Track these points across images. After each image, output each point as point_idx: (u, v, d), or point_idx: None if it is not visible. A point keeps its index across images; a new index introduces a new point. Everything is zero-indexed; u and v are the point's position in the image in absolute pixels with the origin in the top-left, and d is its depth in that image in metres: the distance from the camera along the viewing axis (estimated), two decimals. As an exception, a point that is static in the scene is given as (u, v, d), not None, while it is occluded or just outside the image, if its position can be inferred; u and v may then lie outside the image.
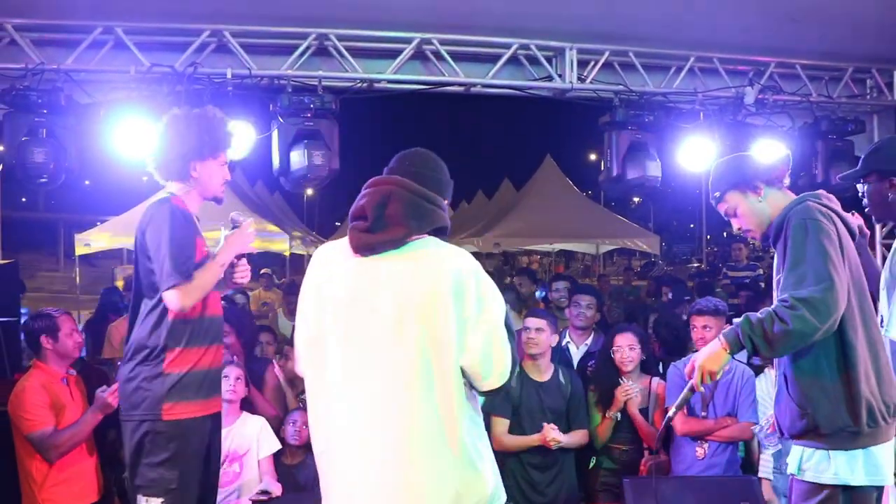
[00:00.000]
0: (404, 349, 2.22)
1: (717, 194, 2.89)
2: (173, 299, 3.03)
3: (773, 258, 2.80)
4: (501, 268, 17.92)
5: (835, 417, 2.51)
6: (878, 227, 6.21)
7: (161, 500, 3.05)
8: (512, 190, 19.68)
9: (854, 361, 2.50)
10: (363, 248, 2.27)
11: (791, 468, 2.63)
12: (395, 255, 2.26)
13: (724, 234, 56.90)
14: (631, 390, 4.37)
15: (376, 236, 2.26)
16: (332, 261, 2.37)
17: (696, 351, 4.42)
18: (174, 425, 3.10)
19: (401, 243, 2.26)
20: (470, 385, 2.30)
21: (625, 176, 5.91)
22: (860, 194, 3.31)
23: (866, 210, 3.12)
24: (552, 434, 4.23)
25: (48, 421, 3.72)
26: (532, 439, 4.23)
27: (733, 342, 2.53)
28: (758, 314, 2.51)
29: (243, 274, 3.42)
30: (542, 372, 4.38)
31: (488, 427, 4.22)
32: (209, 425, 3.25)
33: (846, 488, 2.52)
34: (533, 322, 4.36)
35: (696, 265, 30.78)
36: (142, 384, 3.09)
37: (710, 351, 2.59)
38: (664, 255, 29.02)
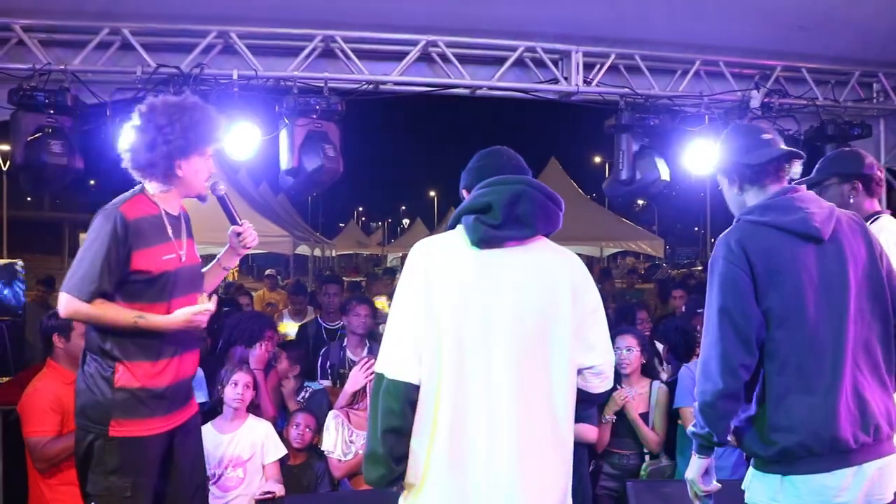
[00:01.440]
0: (520, 346, 2.22)
1: (715, 168, 2.80)
2: (61, 303, 2.90)
3: None
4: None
5: (751, 442, 2.52)
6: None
7: None
8: (516, 192, 19.67)
9: (768, 393, 2.45)
10: (488, 242, 2.25)
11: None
12: (518, 250, 2.27)
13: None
14: (627, 395, 4.34)
15: (504, 232, 2.24)
16: (442, 255, 2.29)
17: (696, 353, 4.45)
18: (123, 442, 2.92)
19: (525, 242, 2.27)
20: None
21: (634, 179, 5.91)
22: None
23: None
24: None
25: (50, 428, 3.68)
26: None
27: (696, 446, 2.56)
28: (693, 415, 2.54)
29: (251, 238, 3.34)
30: None
31: None
32: (169, 439, 3.07)
33: None
34: None
35: (699, 268, 30.72)
36: (90, 390, 2.94)
37: (690, 463, 2.59)
38: (668, 258, 28.99)
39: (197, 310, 2.98)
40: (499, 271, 2.25)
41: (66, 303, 2.88)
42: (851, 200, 3.28)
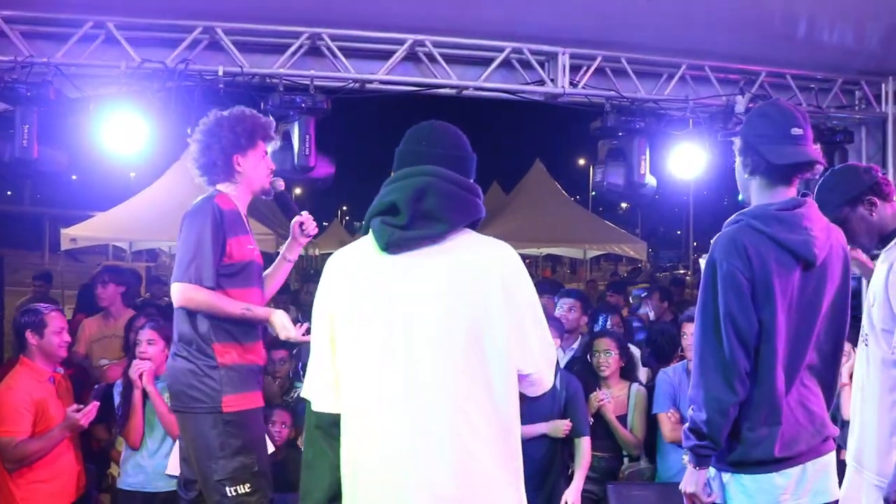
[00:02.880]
0: (452, 358, 2.00)
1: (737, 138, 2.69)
2: (175, 293, 3.12)
3: None
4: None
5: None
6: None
7: (248, 485, 3.12)
8: (500, 193, 19.69)
9: (749, 401, 2.45)
10: (396, 246, 2.03)
11: None
12: (435, 251, 2.04)
13: (711, 241, 57.24)
14: (604, 398, 4.34)
15: (412, 233, 2.01)
16: (353, 265, 2.10)
17: (683, 357, 4.46)
18: (237, 416, 3.15)
19: (440, 239, 2.03)
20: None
21: (618, 182, 5.92)
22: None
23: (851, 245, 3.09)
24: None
25: (23, 429, 3.65)
26: (539, 427, 4.09)
27: (693, 458, 2.50)
28: (688, 426, 2.49)
29: (312, 226, 3.54)
30: None
31: None
32: (261, 416, 3.37)
33: None
34: None
35: (682, 272, 30.91)
36: (196, 378, 3.14)
37: (686, 475, 2.55)
38: (651, 261, 29.13)
39: (292, 333, 3.25)
40: (417, 280, 2.02)
41: (184, 291, 3.08)
42: (875, 217, 3.03)
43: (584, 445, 4.24)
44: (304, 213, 3.54)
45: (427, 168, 2.06)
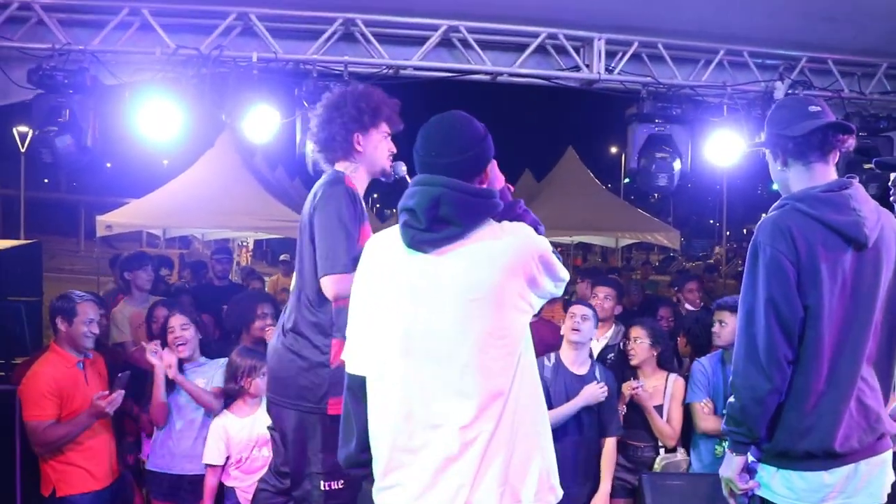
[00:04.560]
0: (469, 350, 2.15)
1: (757, 138, 2.75)
2: (328, 287, 2.94)
3: None
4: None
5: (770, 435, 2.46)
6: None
7: (343, 480, 3.05)
8: (532, 181, 19.57)
9: (794, 389, 2.40)
10: (419, 245, 2.21)
11: None
12: (455, 248, 2.19)
13: (745, 230, 56.73)
14: (636, 386, 4.29)
15: (431, 235, 2.19)
16: (386, 253, 2.30)
17: (715, 346, 4.40)
18: (336, 418, 3.04)
19: (458, 238, 2.19)
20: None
21: (648, 169, 5.84)
22: (890, 192, 3.23)
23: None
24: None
25: (49, 413, 3.68)
26: (571, 405, 4.05)
27: (730, 444, 2.49)
28: (726, 411, 2.47)
29: None
30: (581, 364, 4.27)
31: None
32: None
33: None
34: (579, 309, 4.27)
35: (713, 262, 30.61)
36: (307, 373, 3.03)
37: (724, 460, 2.53)
38: (683, 250, 28.86)
39: None
40: (436, 277, 2.19)
41: (333, 285, 2.92)
42: None
43: (610, 446, 4.20)
44: None
45: (440, 179, 2.21)
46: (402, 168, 3.26)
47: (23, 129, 20.50)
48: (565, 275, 2.31)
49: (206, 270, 9.34)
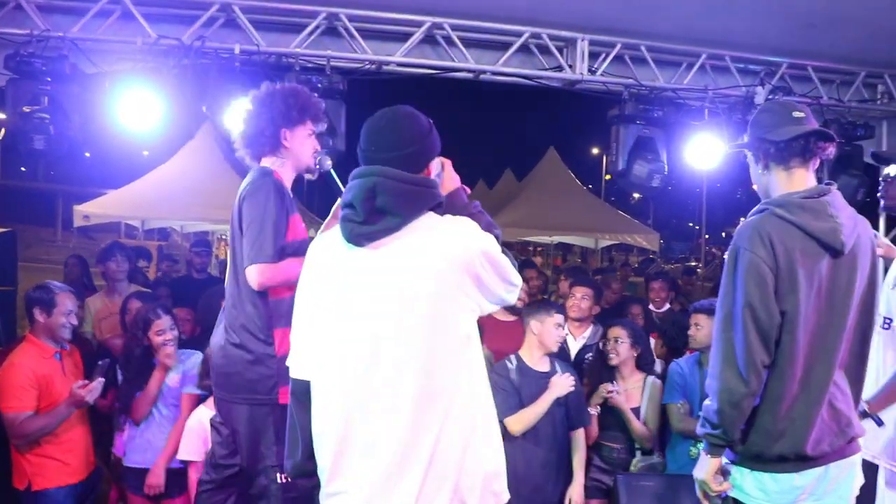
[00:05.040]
0: (406, 349, 2.10)
1: (740, 140, 2.73)
2: (253, 276, 2.98)
3: None
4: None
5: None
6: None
7: None
8: (513, 181, 19.62)
9: (769, 393, 2.43)
10: (357, 239, 2.17)
11: None
12: (391, 241, 2.14)
13: (723, 234, 57.10)
14: (612, 389, 4.30)
15: (369, 228, 2.14)
16: (327, 253, 2.26)
17: (691, 349, 4.42)
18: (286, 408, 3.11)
19: (397, 230, 2.14)
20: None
21: (630, 171, 5.86)
22: (880, 187, 3.26)
23: (883, 202, 3.05)
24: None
25: (27, 404, 3.65)
26: (547, 398, 4.06)
27: (705, 446, 2.50)
28: (702, 414, 2.49)
29: None
30: (543, 362, 4.26)
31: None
32: None
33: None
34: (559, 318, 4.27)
35: (693, 264, 30.78)
36: (255, 366, 3.05)
37: (698, 462, 2.54)
38: (662, 252, 29.03)
39: None
40: (374, 272, 2.14)
41: (258, 274, 2.97)
42: None
43: (580, 438, 4.23)
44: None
45: (375, 169, 2.18)
46: (328, 162, 3.34)
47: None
48: (517, 280, 2.25)
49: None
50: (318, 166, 3.29)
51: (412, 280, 2.11)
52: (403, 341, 2.10)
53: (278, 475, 3.08)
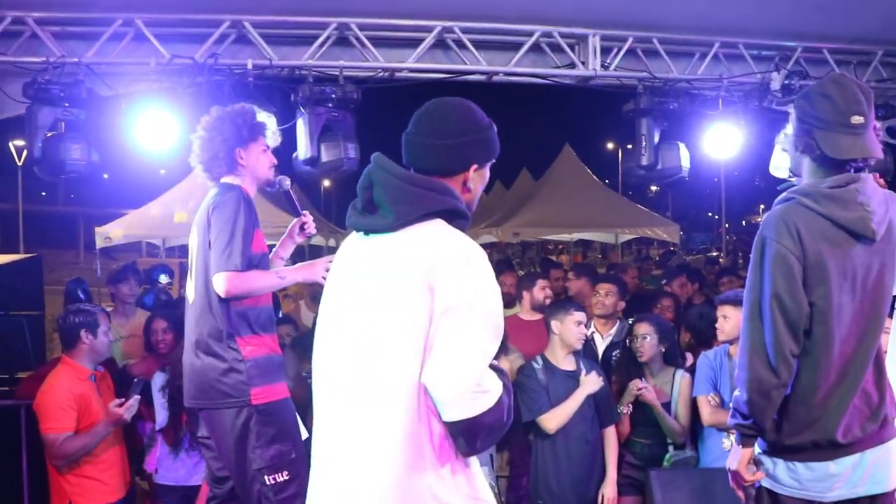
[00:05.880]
0: (355, 354, 1.96)
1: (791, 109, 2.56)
2: (221, 283, 3.08)
3: None
4: (522, 257, 17.71)
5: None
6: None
7: (286, 471, 3.13)
8: (530, 180, 19.61)
9: (802, 383, 2.40)
10: (356, 229, 2.08)
11: None
12: (386, 240, 1.98)
13: (744, 222, 56.68)
14: (643, 386, 4.29)
15: (365, 220, 2.03)
16: (346, 245, 2.16)
17: (720, 340, 4.39)
18: (267, 406, 3.18)
19: (392, 229, 1.97)
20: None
21: (655, 165, 5.83)
22: None
23: None
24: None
25: (67, 425, 3.71)
26: (579, 395, 4.09)
27: (737, 437, 2.48)
28: (732, 405, 2.47)
29: (312, 227, 3.66)
30: (568, 361, 4.27)
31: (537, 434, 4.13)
32: (291, 404, 3.37)
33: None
34: (582, 316, 4.27)
35: (715, 254, 30.57)
36: (229, 374, 3.15)
37: (731, 452, 2.53)
38: (683, 244, 28.87)
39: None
40: (359, 269, 2.02)
41: (225, 282, 3.07)
42: None
43: (611, 435, 4.24)
44: (306, 212, 3.66)
45: (377, 157, 2.04)
46: (286, 182, 3.54)
47: (19, 142, 20.46)
48: (481, 381, 1.88)
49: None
50: (277, 182, 3.46)
51: (384, 292, 1.93)
52: (365, 350, 1.95)
53: (266, 477, 3.14)
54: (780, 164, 2.94)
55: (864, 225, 2.37)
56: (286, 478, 3.13)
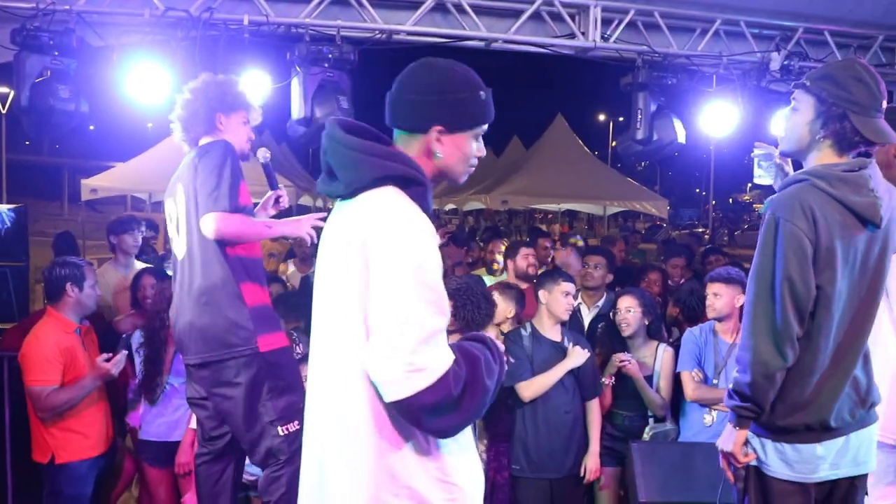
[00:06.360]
0: (320, 331, 1.96)
1: (804, 81, 2.48)
2: (210, 224, 3.04)
3: None
4: (508, 225, 17.67)
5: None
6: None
7: (296, 422, 3.08)
8: (521, 148, 19.54)
9: (799, 366, 2.39)
10: (322, 193, 2.08)
11: None
12: (347, 207, 1.92)
13: (730, 200, 56.90)
14: (625, 359, 4.31)
15: (327, 186, 1.98)
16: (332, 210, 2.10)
17: (710, 317, 4.40)
18: (274, 355, 3.17)
19: (346, 195, 1.92)
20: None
21: (651, 139, 5.81)
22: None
23: None
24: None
25: (53, 378, 3.69)
26: (561, 368, 4.11)
27: (735, 418, 2.46)
28: (731, 386, 2.43)
29: (286, 201, 3.71)
30: (555, 331, 4.28)
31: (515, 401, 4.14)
32: (292, 353, 3.40)
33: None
34: (570, 287, 4.27)
35: (701, 230, 30.72)
36: (229, 324, 3.12)
37: (724, 433, 2.51)
38: (670, 218, 28.98)
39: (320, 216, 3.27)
40: (328, 234, 1.98)
41: (215, 223, 3.03)
42: None
43: (594, 407, 4.26)
44: (281, 187, 3.72)
45: (328, 122, 1.97)
46: (267, 154, 3.59)
47: (3, 90, 20.11)
48: (412, 354, 1.73)
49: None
50: (253, 154, 3.46)
51: (328, 267, 1.93)
52: (329, 333, 1.93)
53: (279, 428, 3.14)
54: (762, 173, 2.90)
55: (874, 211, 2.36)
56: (298, 427, 3.08)
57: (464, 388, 1.78)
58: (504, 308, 4.35)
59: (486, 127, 2.00)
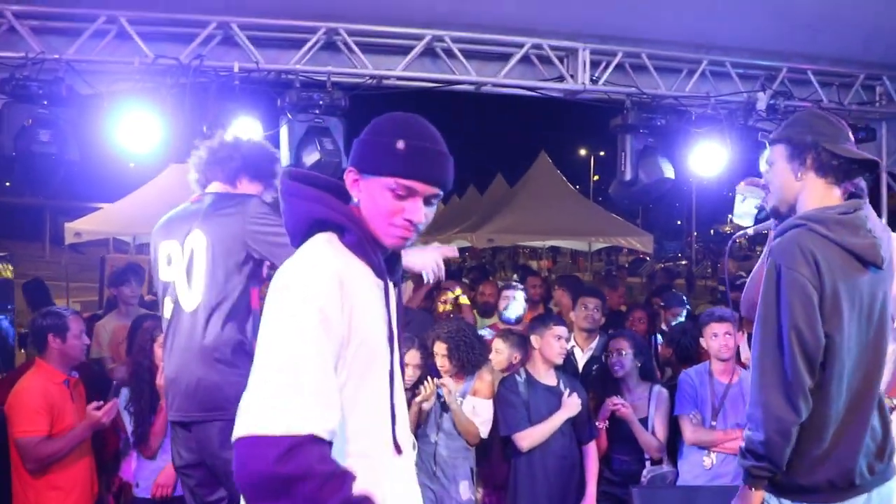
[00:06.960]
0: None
1: (768, 139, 2.53)
2: None
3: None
4: (492, 261, 17.63)
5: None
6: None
7: None
8: (504, 185, 19.60)
9: (813, 418, 2.32)
10: None
11: None
12: None
13: (712, 231, 57.24)
14: (619, 402, 4.30)
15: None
16: None
17: (701, 358, 4.38)
18: None
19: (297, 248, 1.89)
20: None
21: (637, 179, 5.84)
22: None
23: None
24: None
25: (40, 428, 3.62)
26: (557, 418, 4.10)
27: (748, 479, 2.37)
28: (744, 445, 2.36)
29: None
30: (550, 376, 4.26)
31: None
32: None
33: None
34: (563, 331, 4.27)
35: (684, 263, 30.89)
36: (236, 383, 2.83)
37: (738, 496, 2.41)
38: (654, 252, 29.12)
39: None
40: None
41: None
42: None
43: (590, 452, 4.25)
44: None
45: (282, 173, 1.94)
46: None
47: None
48: None
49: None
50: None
51: None
52: None
53: None
54: (745, 212, 2.83)
55: (874, 252, 2.32)
56: None
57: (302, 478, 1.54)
58: (508, 354, 4.33)
59: (409, 183, 1.78)
